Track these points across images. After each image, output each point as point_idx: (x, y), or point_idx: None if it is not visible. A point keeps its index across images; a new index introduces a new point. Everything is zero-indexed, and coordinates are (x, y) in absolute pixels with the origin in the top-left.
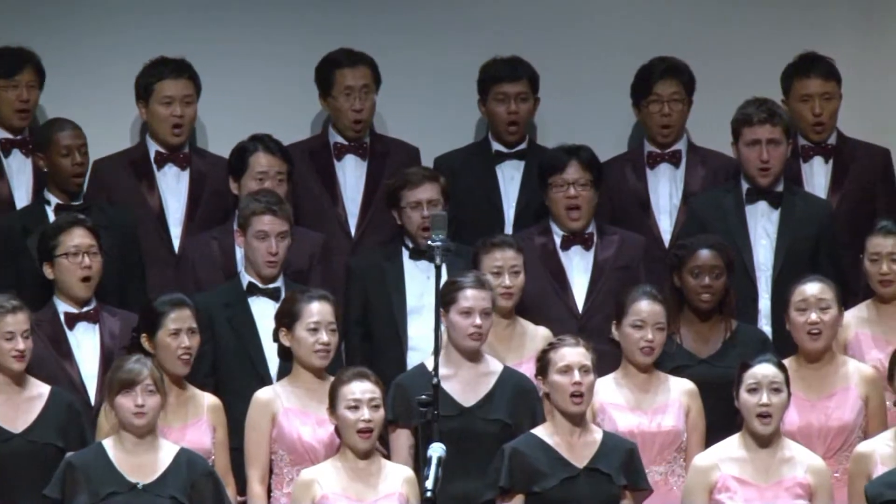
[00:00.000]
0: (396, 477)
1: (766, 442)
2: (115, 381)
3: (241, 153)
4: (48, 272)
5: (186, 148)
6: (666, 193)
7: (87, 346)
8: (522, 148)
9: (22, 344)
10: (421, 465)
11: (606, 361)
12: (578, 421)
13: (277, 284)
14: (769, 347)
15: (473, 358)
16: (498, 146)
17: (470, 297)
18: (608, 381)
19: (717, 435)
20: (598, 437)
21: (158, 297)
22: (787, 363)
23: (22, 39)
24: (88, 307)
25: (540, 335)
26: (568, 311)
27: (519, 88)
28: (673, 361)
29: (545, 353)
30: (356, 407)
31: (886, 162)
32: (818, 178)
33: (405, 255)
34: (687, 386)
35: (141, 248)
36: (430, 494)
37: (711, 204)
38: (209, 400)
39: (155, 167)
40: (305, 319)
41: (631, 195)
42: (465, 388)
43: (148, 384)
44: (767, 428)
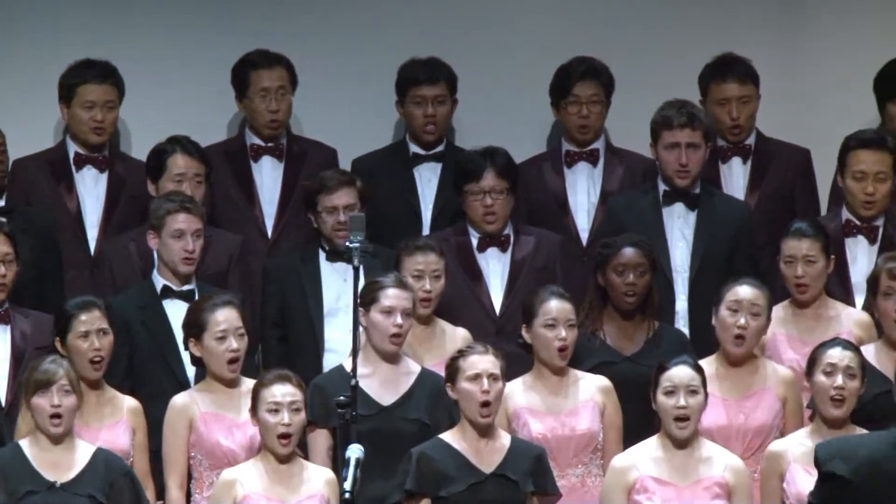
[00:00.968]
0: (317, 478)
1: (683, 443)
2: (30, 381)
3: (158, 155)
4: None
5: (106, 150)
6: (584, 192)
7: None
8: (440, 150)
9: None
10: (339, 466)
11: (518, 364)
12: (486, 428)
13: (191, 286)
14: (689, 350)
15: (391, 359)
16: (415, 148)
17: (391, 295)
18: (520, 384)
19: (639, 433)
20: (506, 442)
21: (70, 299)
22: (706, 363)
23: None
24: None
25: (459, 336)
26: (485, 312)
27: (437, 91)
28: (596, 357)
29: (454, 360)
30: (276, 410)
31: (806, 162)
32: (737, 178)
33: (322, 256)
34: (601, 383)
35: (60, 250)
36: (348, 496)
37: (629, 205)
38: (129, 402)
39: (74, 168)
40: (213, 328)
41: (549, 194)
42: (383, 387)
43: (64, 384)
44: (684, 432)
